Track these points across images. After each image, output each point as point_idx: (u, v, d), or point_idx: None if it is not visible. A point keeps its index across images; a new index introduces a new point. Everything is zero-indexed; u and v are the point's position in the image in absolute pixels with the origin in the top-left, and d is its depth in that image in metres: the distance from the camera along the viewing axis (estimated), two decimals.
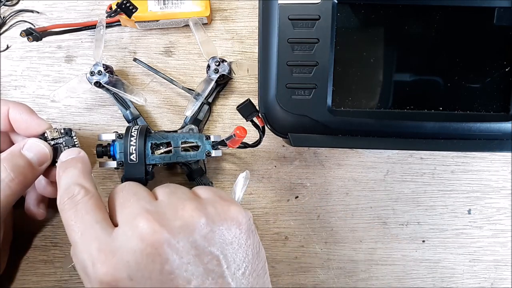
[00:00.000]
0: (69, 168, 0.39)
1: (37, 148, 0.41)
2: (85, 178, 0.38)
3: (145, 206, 0.35)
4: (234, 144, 0.42)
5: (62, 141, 0.42)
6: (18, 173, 0.39)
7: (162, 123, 0.49)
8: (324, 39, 0.39)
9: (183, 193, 0.37)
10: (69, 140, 0.43)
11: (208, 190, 0.38)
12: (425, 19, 0.39)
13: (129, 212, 0.35)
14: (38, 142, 0.41)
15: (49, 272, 0.48)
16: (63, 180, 0.38)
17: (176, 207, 0.35)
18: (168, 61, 0.49)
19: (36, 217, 0.45)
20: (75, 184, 0.37)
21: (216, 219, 0.35)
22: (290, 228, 0.49)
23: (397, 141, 0.40)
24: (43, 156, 0.41)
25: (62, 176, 0.38)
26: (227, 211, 0.36)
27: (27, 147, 0.40)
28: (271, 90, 0.40)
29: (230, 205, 0.36)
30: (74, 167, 0.39)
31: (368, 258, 0.49)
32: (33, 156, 0.40)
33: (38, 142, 0.41)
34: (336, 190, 0.49)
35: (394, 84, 0.40)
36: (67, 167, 0.39)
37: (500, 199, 0.49)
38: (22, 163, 0.39)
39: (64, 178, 0.38)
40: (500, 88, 0.40)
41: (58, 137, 0.42)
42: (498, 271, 0.49)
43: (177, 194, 0.37)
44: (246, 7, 0.49)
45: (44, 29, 0.45)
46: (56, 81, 0.49)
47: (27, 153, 0.40)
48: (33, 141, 0.41)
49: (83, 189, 0.37)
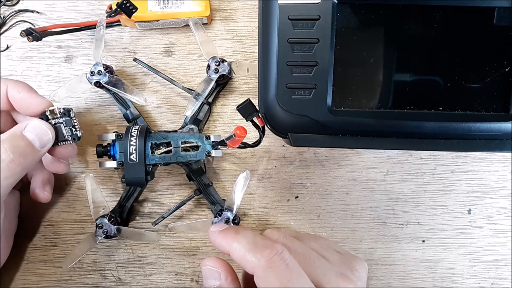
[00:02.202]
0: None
1: (39, 130, 0.40)
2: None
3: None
4: (234, 144, 0.42)
5: (62, 121, 0.42)
6: (18, 154, 0.38)
7: (162, 123, 0.49)
8: (324, 39, 0.39)
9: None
10: (68, 121, 0.42)
11: (335, 254, 0.39)
12: (425, 19, 0.39)
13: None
14: (40, 124, 0.40)
15: (49, 272, 0.48)
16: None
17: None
18: (168, 61, 0.49)
19: (41, 199, 0.44)
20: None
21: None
22: (290, 228, 0.49)
23: (397, 141, 0.40)
24: (45, 137, 0.40)
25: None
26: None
27: (29, 128, 0.39)
28: (271, 90, 0.40)
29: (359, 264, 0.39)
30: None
31: (368, 258, 0.49)
32: (35, 137, 0.39)
33: (40, 123, 0.40)
34: (336, 190, 0.49)
35: (394, 84, 0.40)
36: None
37: (500, 199, 0.49)
38: (23, 144, 0.38)
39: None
40: (500, 88, 0.40)
41: (58, 117, 0.41)
42: (498, 271, 0.49)
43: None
44: (246, 7, 0.49)
45: (44, 29, 0.45)
46: (56, 81, 0.49)
47: (29, 134, 0.39)
48: (35, 123, 0.40)
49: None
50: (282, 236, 0.39)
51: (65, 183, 0.48)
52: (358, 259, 0.39)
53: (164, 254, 0.48)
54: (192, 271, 0.48)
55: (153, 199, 0.49)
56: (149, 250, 0.48)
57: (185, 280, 0.48)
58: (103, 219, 0.44)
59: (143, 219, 0.48)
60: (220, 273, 0.36)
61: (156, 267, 0.48)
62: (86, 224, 0.48)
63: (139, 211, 0.49)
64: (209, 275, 0.36)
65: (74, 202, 0.48)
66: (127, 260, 0.48)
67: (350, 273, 0.37)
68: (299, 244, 0.38)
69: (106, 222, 0.44)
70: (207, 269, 0.36)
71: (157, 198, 0.49)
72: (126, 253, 0.48)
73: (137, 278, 0.48)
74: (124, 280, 0.48)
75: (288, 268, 0.33)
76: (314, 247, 0.38)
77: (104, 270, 0.48)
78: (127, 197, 0.47)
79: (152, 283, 0.48)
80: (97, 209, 0.45)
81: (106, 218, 0.44)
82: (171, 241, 0.49)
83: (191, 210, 0.49)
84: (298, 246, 0.37)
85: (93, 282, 0.48)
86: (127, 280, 0.48)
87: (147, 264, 0.48)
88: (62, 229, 0.48)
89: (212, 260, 0.36)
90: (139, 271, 0.48)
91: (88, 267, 0.48)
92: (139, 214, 0.49)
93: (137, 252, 0.48)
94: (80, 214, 0.48)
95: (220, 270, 0.36)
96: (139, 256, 0.48)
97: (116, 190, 0.49)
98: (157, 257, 0.48)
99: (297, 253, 0.36)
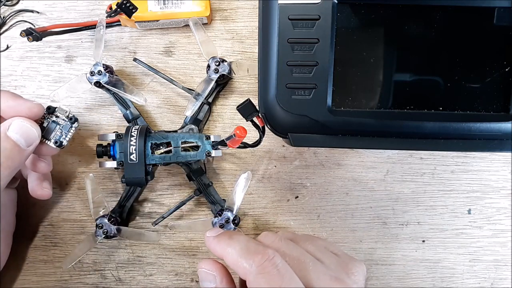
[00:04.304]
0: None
1: (23, 129, 0.38)
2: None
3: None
4: (234, 144, 0.42)
5: (62, 124, 0.41)
6: (5, 157, 0.37)
7: (162, 123, 0.49)
8: (324, 39, 0.39)
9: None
10: (66, 127, 0.41)
11: (331, 257, 0.39)
12: (425, 19, 0.39)
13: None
14: (24, 122, 0.39)
15: (49, 272, 0.48)
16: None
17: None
18: (168, 61, 0.49)
19: (42, 197, 0.43)
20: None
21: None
22: (290, 228, 0.49)
23: (397, 141, 0.40)
24: (30, 136, 0.39)
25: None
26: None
27: (13, 128, 0.38)
28: (271, 90, 0.40)
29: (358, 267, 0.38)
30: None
31: (368, 258, 0.49)
32: (19, 137, 0.38)
33: (24, 121, 0.39)
34: (336, 190, 0.49)
35: (394, 84, 0.40)
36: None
37: (500, 199, 0.49)
38: (8, 146, 0.37)
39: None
40: (500, 88, 0.40)
41: (62, 118, 0.41)
42: (498, 271, 0.49)
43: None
44: (246, 7, 0.49)
45: (44, 29, 0.45)
46: (56, 81, 0.49)
47: (13, 134, 0.38)
48: (18, 122, 0.38)
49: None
50: (278, 239, 0.39)
51: (65, 183, 0.48)
52: (355, 261, 0.39)
53: (164, 254, 0.48)
54: (192, 271, 0.48)
55: (153, 199, 0.49)
56: (149, 250, 0.48)
57: (185, 280, 0.48)
58: (103, 219, 0.44)
59: (143, 219, 0.48)
60: (215, 276, 0.36)
61: (156, 267, 0.48)
62: (86, 224, 0.48)
63: (139, 211, 0.49)
64: (204, 277, 0.36)
65: (74, 202, 0.48)
66: (127, 260, 0.48)
67: (346, 277, 0.36)
68: (294, 247, 0.38)
69: (106, 222, 0.44)
70: (202, 271, 0.36)
71: (157, 198, 0.49)
72: (126, 253, 0.48)
73: (137, 278, 0.48)
74: (124, 280, 0.48)
75: (280, 273, 0.33)
76: (311, 249, 0.38)
77: (104, 270, 0.48)
78: (127, 197, 0.47)
79: (152, 283, 0.48)
80: (97, 209, 0.45)
81: (106, 218, 0.44)
82: (171, 241, 0.49)
83: (191, 210, 0.49)
84: (293, 249, 0.37)
85: (93, 282, 0.48)
86: (127, 280, 0.48)
87: (147, 264, 0.48)
88: (62, 229, 0.48)
89: (207, 263, 0.36)
90: (139, 271, 0.48)
91: (88, 267, 0.48)
92: (139, 214, 0.49)
93: (137, 252, 0.48)
94: (80, 214, 0.48)
95: (216, 273, 0.36)
96: (139, 256, 0.48)
97: (116, 190, 0.49)
98: (157, 257, 0.48)
99: (291, 256, 0.36)
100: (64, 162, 0.48)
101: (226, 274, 0.36)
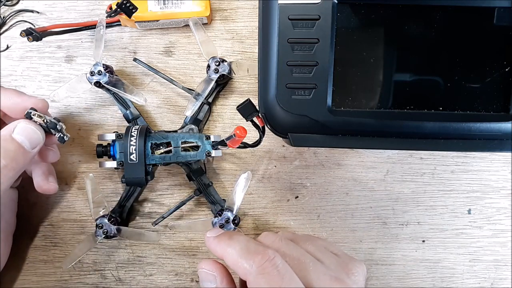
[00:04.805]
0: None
1: (28, 131, 0.39)
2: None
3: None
4: (234, 144, 0.42)
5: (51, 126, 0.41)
6: (10, 159, 0.37)
7: (162, 123, 0.49)
8: (324, 39, 0.39)
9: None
10: (52, 124, 0.41)
11: (331, 257, 0.39)
12: (425, 19, 0.39)
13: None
14: (29, 124, 0.39)
15: (49, 272, 0.48)
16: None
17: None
18: (168, 61, 0.49)
19: (48, 191, 0.44)
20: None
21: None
22: (290, 228, 0.49)
23: (397, 141, 0.40)
24: (34, 138, 0.39)
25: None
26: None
27: (18, 131, 0.39)
28: (271, 90, 0.40)
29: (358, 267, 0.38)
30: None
31: (368, 258, 0.49)
32: (24, 139, 0.39)
33: (28, 124, 0.39)
34: (336, 190, 0.49)
35: (394, 84, 0.40)
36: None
37: (500, 199, 0.49)
38: (13, 148, 0.38)
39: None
40: (500, 88, 0.40)
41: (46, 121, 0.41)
42: (498, 271, 0.49)
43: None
44: (246, 7, 0.49)
45: (44, 29, 0.45)
46: (56, 81, 0.49)
47: (18, 137, 0.38)
48: (23, 124, 0.39)
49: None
50: (278, 239, 0.39)
51: (65, 183, 0.48)
52: (355, 261, 0.39)
53: (164, 254, 0.48)
54: (192, 271, 0.48)
55: (153, 199, 0.49)
56: (149, 250, 0.48)
57: (185, 280, 0.48)
58: (103, 219, 0.44)
59: (143, 219, 0.48)
60: (215, 276, 0.36)
61: (156, 267, 0.48)
62: (86, 224, 0.48)
63: (139, 211, 0.49)
64: (204, 278, 0.36)
65: (74, 202, 0.48)
66: (127, 260, 0.48)
67: (346, 277, 0.37)
68: (294, 247, 0.38)
69: (106, 222, 0.44)
70: (203, 272, 0.36)
71: (157, 198, 0.49)
72: (126, 253, 0.48)
73: (137, 278, 0.48)
74: (124, 280, 0.48)
75: (280, 274, 0.33)
76: (311, 249, 0.38)
77: (104, 270, 0.48)
78: (127, 197, 0.47)
79: (152, 283, 0.48)
80: (97, 209, 0.45)
81: (106, 218, 0.44)
82: (171, 241, 0.49)
83: (191, 210, 0.49)
84: (293, 250, 0.37)
85: (93, 282, 0.48)
86: (127, 280, 0.48)
87: (147, 264, 0.48)
88: (62, 229, 0.48)
89: (208, 263, 0.36)
90: (139, 271, 0.48)
91: (88, 267, 0.48)
92: (139, 214, 0.49)
93: (137, 252, 0.48)
94: (80, 214, 0.48)
95: (216, 273, 0.36)
96: (139, 256, 0.48)
97: (116, 190, 0.49)
98: (157, 257, 0.48)
99: (291, 257, 0.36)
100: (64, 162, 0.48)
101: (226, 274, 0.36)
